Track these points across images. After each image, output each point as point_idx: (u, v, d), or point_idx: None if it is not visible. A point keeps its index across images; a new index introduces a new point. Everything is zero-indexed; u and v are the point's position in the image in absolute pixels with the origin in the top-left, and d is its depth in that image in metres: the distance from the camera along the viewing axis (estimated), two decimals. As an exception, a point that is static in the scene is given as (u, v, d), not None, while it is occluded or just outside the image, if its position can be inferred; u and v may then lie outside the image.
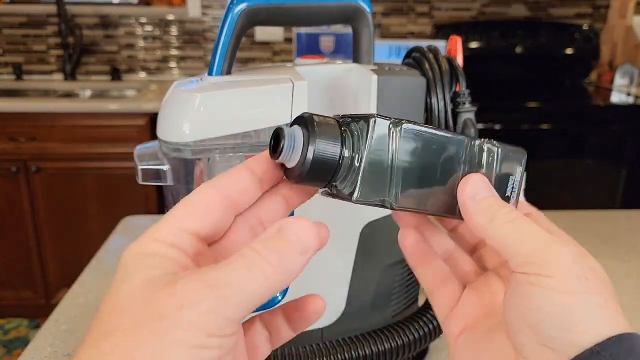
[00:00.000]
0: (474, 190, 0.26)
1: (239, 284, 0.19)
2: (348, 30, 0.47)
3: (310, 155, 0.23)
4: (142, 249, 0.21)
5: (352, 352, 0.45)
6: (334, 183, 0.25)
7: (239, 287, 0.19)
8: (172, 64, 2.26)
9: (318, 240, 0.22)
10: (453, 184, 0.27)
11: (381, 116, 0.24)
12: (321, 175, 0.24)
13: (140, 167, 0.42)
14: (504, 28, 2.18)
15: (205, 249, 0.22)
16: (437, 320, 0.49)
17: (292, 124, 0.24)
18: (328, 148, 0.23)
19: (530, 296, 0.22)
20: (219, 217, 0.23)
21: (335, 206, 0.45)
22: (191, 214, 0.22)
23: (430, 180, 0.26)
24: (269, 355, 0.43)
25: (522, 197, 0.65)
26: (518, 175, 0.30)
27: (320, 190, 0.26)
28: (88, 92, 2.16)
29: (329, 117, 0.25)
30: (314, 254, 0.22)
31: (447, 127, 0.48)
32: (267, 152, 0.25)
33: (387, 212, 0.47)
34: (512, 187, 0.29)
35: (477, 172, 0.27)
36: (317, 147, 0.23)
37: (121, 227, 0.88)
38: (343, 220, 0.45)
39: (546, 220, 0.27)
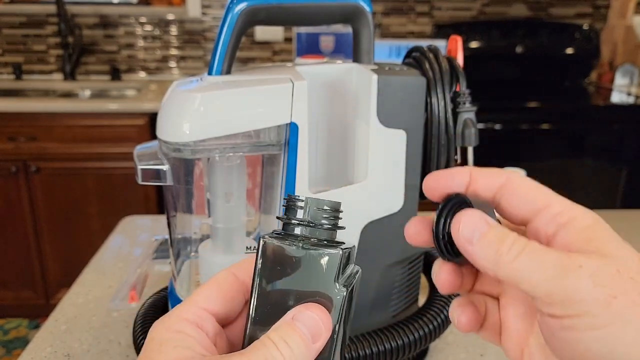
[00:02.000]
0: (469, 232, 0.23)
1: None
2: (348, 30, 0.47)
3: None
4: (172, 326, 0.23)
5: (353, 352, 0.44)
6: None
7: None
8: (172, 64, 2.26)
9: (328, 327, 0.23)
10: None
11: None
12: None
13: (140, 167, 0.42)
14: (504, 28, 2.18)
15: (221, 330, 0.25)
16: (437, 320, 0.49)
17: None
18: None
19: (572, 342, 0.21)
20: (236, 303, 0.25)
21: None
22: (214, 298, 0.25)
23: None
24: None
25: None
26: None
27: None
28: (88, 92, 2.16)
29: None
30: (327, 339, 0.23)
31: (447, 127, 0.48)
32: None
33: (387, 212, 0.47)
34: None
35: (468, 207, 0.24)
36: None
37: (121, 227, 0.88)
38: (343, 220, 0.45)
39: (528, 185, 0.24)
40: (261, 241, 0.24)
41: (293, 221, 0.24)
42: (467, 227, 0.23)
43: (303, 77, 0.41)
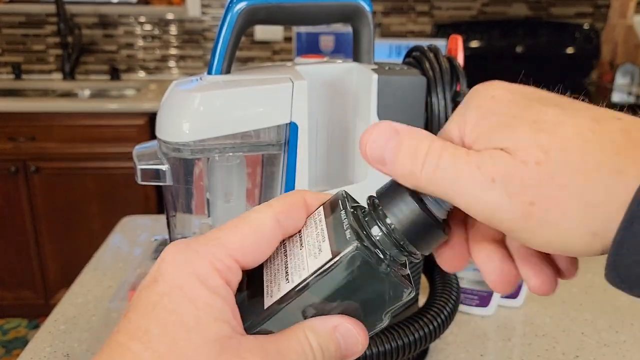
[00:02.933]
0: (378, 150, 0.21)
1: None
2: (348, 29, 0.46)
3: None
4: (204, 276, 0.20)
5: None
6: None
7: None
8: (172, 64, 2.26)
9: (363, 348, 0.22)
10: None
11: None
12: None
13: (139, 166, 0.42)
14: (504, 27, 2.18)
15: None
16: (437, 321, 0.49)
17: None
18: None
19: (522, 242, 0.20)
20: (269, 252, 0.22)
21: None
22: (249, 248, 0.21)
23: None
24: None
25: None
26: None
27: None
28: (87, 92, 2.16)
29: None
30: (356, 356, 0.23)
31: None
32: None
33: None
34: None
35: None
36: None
37: (120, 227, 0.88)
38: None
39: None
40: (351, 247, 0.21)
41: (390, 237, 0.22)
42: (374, 143, 0.21)
43: (303, 77, 0.41)
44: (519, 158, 0.18)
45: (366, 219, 0.22)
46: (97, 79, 2.22)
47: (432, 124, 0.47)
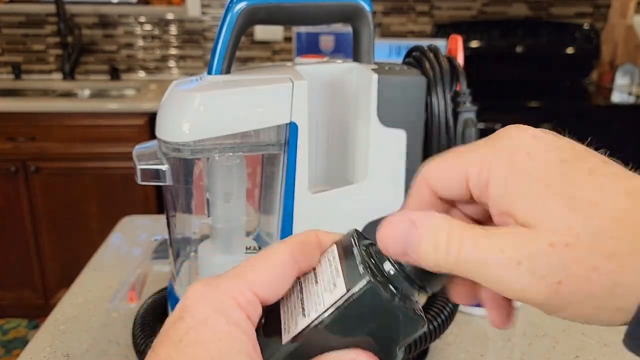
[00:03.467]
0: (398, 244, 0.21)
1: None
2: (348, 29, 0.46)
3: None
4: (226, 310, 0.21)
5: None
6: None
7: None
8: (172, 64, 2.26)
9: None
10: None
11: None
12: None
13: (139, 167, 0.42)
14: (504, 27, 2.18)
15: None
16: (437, 321, 0.49)
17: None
18: None
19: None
20: (283, 289, 0.23)
21: (335, 207, 0.44)
22: (268, 282, 0.22)
23: None
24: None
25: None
26: None
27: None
28: (87, 92, 2.16)
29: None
30: None
31: (447, 127, 0.47)
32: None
33: (387, 212, 0.47)
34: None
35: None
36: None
37: (120, 227, 0.88)
38: (343, 220, 0.45)
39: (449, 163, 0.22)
40: (364, 282, 0.21)
41: (401, 272, 0.22)
42: (393, 240, 0.21)
43: (303, 77, 0.41)
44: (546, 239, 0.18)
45: (378, 255, 0.23)
46: (97, 79, 2.22)
47: (432, 123, 0.47)
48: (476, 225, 0.20)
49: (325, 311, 0.21)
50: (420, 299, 0.55)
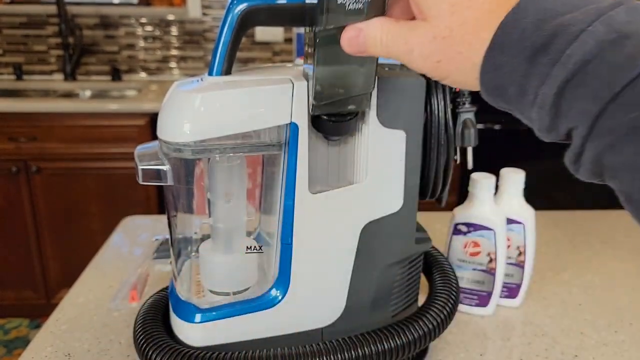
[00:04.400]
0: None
1: None
2: (348, 30, 0.47)
3: None
4: None
5: (352, 351, 0.45)
6: None
7: None
8: (173, 64, 2.27)
9: None
10: None
11: None
12: None
13: (140, 167, 0.42)
14: (504, 28, 2.18)
15: None
16: (437, 320, 0.49)
17: None
18: None
19: None
20: None
21: (336, 207, 0.45)
22: None
23: None
24: (268, 355, 0.44)
25: (521, 198, 0.65)
26: None
27: None
28: (88, 92, 2.16)
29: None
30: None
31: (447, 128, 0.48)
32: None
33: (387, 212, 0.47)
34: None
35: None
36: None
37: (121, 227, 0.88)
38: (343, 220, 0.45)
39: None
40: None
41: None
42: (350, 42, 0.33)
43: (303, 78, 0.42)
44: (431, 32, 0.28)
45: None
46: (98, 79, 2.23)
47: (431, 124, 0.47)
48: (400, 22, 0.31)
49: None
50: (420, 299, 0.55)
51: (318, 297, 0.47)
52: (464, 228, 0.61)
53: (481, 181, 0.59)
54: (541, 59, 0.24)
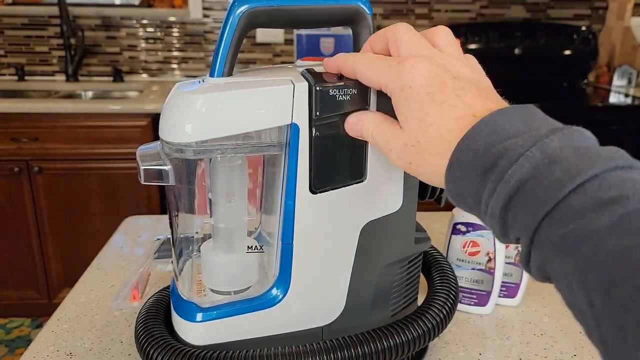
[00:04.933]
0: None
1: None
2: (348, 32, 0.47)
3: None
4: None
5: (352, 350, 0.45)
6: None
7: None
8: (174, 65, 2.27)
9: None
10: None
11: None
12: None
13: (142, 167, 0.42)
14: (502, 29, 2.18)
15: None
16: (436, 319, 0.49)
17: None
18: None
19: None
20: None
21: (336, 206, 0.45)
22: None
23: None
24: (269, 353, 0.44)
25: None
26: None
27: None
28: (90, 93, 2.17)
29: None
30: None
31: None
32: None
33: (387, 212, 0.47)
34: None
35: None
36: None
37: (123, 227, 0.89)
38: (343, 220, 0.46)
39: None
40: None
41: None
42: (352, 128, 0.40)
43: (303, 79, 0.42)
44: (404, 140, 0.34)
45: None
46: (100, 80, 2.23)
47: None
48: (389, 121, 0.36)
49: None
50: (419, 298, 0.56)
51: (318, 296, 0.47)
52: (463, 228, 0.62)
53: None
54: (490, 176, 0.28)
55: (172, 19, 2.20)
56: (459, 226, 0.62)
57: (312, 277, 0.46)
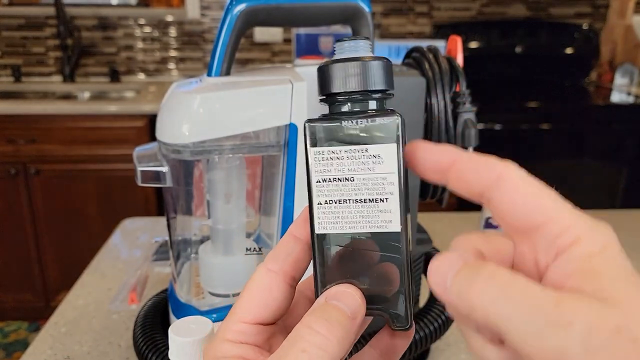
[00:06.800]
0: (440, 277, 0.19)
1: None
2: (347, 30, 0.46)
3: None
4: (217, 352, 0.23)
5: (353, 352, 0.44)
6: None
7: None
8: (171, 65, 2.26)
9: (364, 304, 0.22)
10: None
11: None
12: None
13: (139, 168, 0.42)
14: (503, 28, 2.18)
15: (274, 328, 0.24)
16: (438, 322, 0.49)
17: None
18: None
19: None
20: (280, 297, 0.23)
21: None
22: (253, 305, 0.23)
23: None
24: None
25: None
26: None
27: None
28: (87, 94, 2.16)
29: None
30: (362, 319, 0.22)
31: (447, 128, 0.47)
32: (305, 213, 0.24)
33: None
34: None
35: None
36: None
37: (120, 229, 0.88)
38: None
39: (526, 189, 0.19)
40: (306, 125, 0.22)
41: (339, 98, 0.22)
42: (437, 272, 0.19)
43: (302, 78, 0.41)
44: (615, 321, 0.16)
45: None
46: (97, 81, 2.22)
47: (431, 124, 0.47)
48: (522, 278, 0.17)
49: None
50: (420, 301, 0.55)
51: (318, 298, 0.46)
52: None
53: None
54: None
55: (169, 18, 2.19)
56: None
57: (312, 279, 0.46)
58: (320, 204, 0.22)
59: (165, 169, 0.42)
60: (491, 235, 0.21)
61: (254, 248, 0.47)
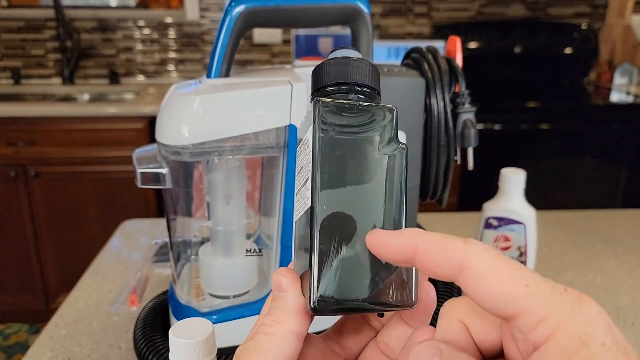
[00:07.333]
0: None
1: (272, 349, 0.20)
2: (347, 31, 0.46)
3: None
4: None
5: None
6: None
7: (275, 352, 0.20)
8: (171, 67, 2.26)
9: (284, 277, 0.22)
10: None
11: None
12: None
13: (139, 170, 0.42)
14: (503, 28, 2.18)
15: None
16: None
17: None
18: None
19: None
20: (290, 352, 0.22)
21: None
22: None
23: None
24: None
25: (522, 199, 0.64)
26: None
27: None
28: (87, 96, 2.16)
29: None
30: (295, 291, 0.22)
31: (447, 128, 0.47)
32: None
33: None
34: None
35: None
36: None
37: (121, 231, 0.88)
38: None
39: (492, 277, 0.18)
40: (317, 104, 0.22)
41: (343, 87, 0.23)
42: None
43: (302, 79, 0.41)
44: None
45: None
46: (97, 83, 2.22)
47: (431, 124, 0.47)
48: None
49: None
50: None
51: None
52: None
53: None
54: None
55: (168, 20, 2.19)
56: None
57: (313, 281, 0.46)
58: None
59: (165, 170, 0.42)
60: (477, 308, 0.19)
61: (254, 249, 0.47)
